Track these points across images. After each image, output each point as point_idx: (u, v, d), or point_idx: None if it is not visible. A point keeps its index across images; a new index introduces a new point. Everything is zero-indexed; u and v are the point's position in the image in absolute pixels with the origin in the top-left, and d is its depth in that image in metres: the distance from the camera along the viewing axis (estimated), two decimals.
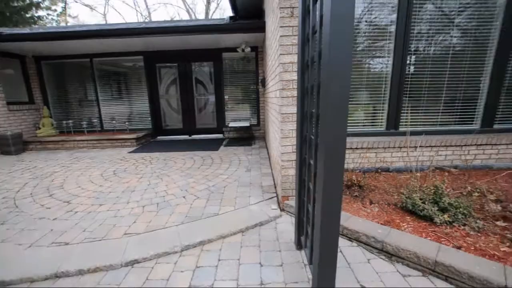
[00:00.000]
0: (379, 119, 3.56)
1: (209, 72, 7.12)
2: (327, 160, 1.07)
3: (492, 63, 3.38)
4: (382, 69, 3.43)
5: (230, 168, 4.22)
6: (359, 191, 2.85)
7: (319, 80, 1.09)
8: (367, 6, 3.26)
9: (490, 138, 3.39)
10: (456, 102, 3.57)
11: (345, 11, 0.90)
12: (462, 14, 3.34)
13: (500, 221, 2.21)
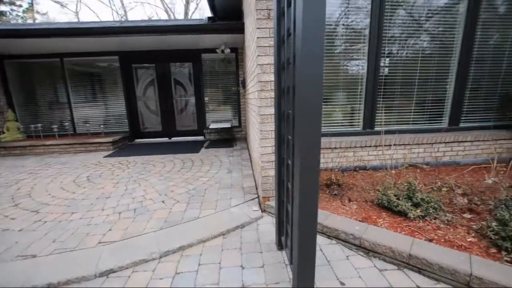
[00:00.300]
0: (356, 119, 3.68)
1: (189, 73, 7.00)
2: (303, 159, 1.08)
3: (456, 66, 3.62)
4: (358, 71, 3.55)
5: (211, 170, 4.16)
6: (338, 189, 2.92)
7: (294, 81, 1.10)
8: (344, 10, 3.36)
9: (457, 136, 3.62)
10: (426, 102, 3.77)
11: (316, 16, 0.91)
12: (430, 20, 3.54)
13: (467, 213, 2.35)
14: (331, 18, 3.39)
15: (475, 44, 3.56)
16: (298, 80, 1.02)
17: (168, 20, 7.91)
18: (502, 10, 3.58)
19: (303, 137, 1.07)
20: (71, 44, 5.69)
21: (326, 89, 3.56)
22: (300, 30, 0.93)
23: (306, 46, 0.93)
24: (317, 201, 1.20)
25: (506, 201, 2.27)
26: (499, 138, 3.73)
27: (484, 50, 3.63)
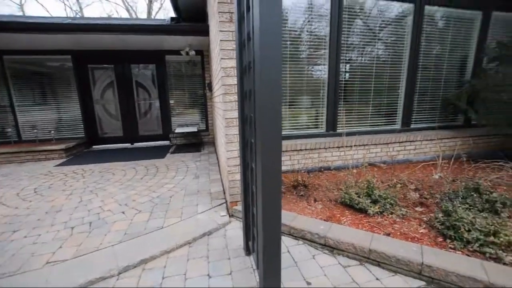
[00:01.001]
0: (320, 121, 3.83)
1: (152, 75, 6.68)
2: (265, 162, 1.08)
3: (406, 73, 3.97)
4: (320, 76, 3.70)
5: (177, 176, 4.00)
6: (304, 190, 3.00)
7: (254, 86, 1.09)
8: (307, 17, 3.49)
9: (409, 136, 3.96)
10: (382, 106, 4.08)
11: (273, 23, 0.92)
12: (384, 30, 3.85)
13: (418, 207, 2.57)
14: (296, 25, 3.49)
15: (420, 54, 3.95)
16: (258, 84, 1.02)
17: (128, 19, 7.50)
18: (441, 24, 4.03)
19: (264, 140, 1.06)
20: (12, 41, 5.08)
21: (292, 93, 3.65)
22: (258, 36, 0.94)
23: (264, 52, 0.93)
24: (280, 203, 1.20)
25: (449, 194, 2.53)
26: (443, 137, 4.17)
27: (428, 59, 4.05)
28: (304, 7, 3.43)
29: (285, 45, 3.45)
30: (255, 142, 1.27)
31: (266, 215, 1.19)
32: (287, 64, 3.50)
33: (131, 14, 21.41)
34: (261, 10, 0.90)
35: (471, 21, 4.10)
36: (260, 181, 1.12)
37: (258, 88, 1.03)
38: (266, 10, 0.89)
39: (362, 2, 3.62)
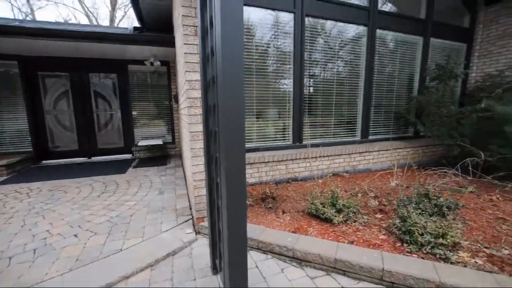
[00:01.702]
0: (287, 133, 3.94)
1: (113, 85, 6.31)
2: (229, 177, 1.06)
3: (363, 88, 4.31)
4: (286, 90, 3.84)
5: (140, 192, 3.75)
6: (273, 202, 3.01)
7: (217, 100, 1.08)
8: (274, 33, 3.63)
9: (367, 147, 4.25)
10: (343, 118, 4.34)
11: (234, 39, 0.93)
12: (343, 49, 4.16)
13: (378, 214, 2.73)
14: (263, 40, 3.61)
15: (375, 71, 4.33)
16: (221, 99, 1.01)
17: (85, 25, 7.06)
18: (391, 46, 4.49)
19: (228, 154, 1.05)
20: None
21: (259, 106, 3.72)
22: (220, 53, 0.94)
23: (226, 68, 0.94)
24: (245, 219, 1.18)
25: (404, 201, 2.73)
26: (397, 147, 4.55)
27: (381, 77, 4.45)
28: (270, 24, 3.57)
29: (251, 59, 3.53)
30: (219, 156, 1.25)
31: (231, 231, 1.16)
32: (254, 77, 3.57)
33: (91, 20, 20.25)
34: (223, 27, 0.90)
35: (415, 45, 4.64)
36: (224, 195, 1.10)
37: (221, 102, 1.02)
38: (227, 28, 0.90)
39: (322, 23, 3.89)
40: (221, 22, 0.90)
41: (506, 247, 2.07)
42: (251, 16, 3.44)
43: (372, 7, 4.04)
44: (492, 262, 1.89)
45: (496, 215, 2.68)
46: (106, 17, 21.01)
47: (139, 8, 4.69)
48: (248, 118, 3.67)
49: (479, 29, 5.05)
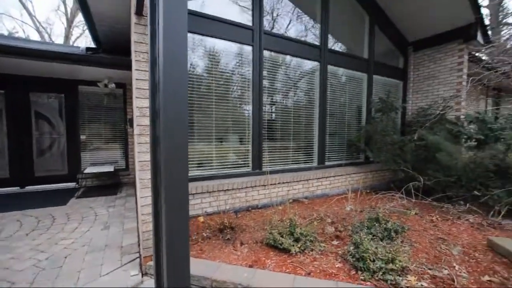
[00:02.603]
0: (246, 160, 3.92)
1: (59, 105, 5.75)
2: (168, 210, 0.97)
3: (318, 117, 4.59)
4: (246, 117, 3.90)
5: (80, 227, 3.29)
6: (231, 233, 2.88)
7: (160, 131, 1.02)
8: (235, 63, 3.75)
9: (324, 173, 4.44)
10: (301, 145, 4.52)
11: (179, 75, 0.91)
12: (299, 80, 4.45)
13: (335, 240, 2.77)
14: (224, 68, 3.70)
15: (328, 102, 4.69)
16: (164, 131, 0.96)
17: (31, 41, 6.48)
18: (341, 80, 4.96)
19: (168, 188, 0.97)
20: None
21: (219, 132, 3.69)
22: (162, 87, 0.90)
23: (169, 101, 0.90)
24: (188, 258, 1.07)
25: (357, 226, 2.83)
26: (351, 172, 4.84)
27: (333, 107, 4.83)
28: (232, 55, 3.70)
29: (210, 87, 3.55)
30: (161, 187, 1.15)
31: (171, 272, 1.03)
32: (213, 104, 3.57)
33: (43, 36, 18.83)
34: (165, 62, 0.87)
35: (361, 80, 5.21)
36: (164, 230, 0.99)
37: (164, 135, 0.96)
38: (170, 62, 0.87)
39: (280, 56, 4.16)
40: (163, 62, 0.88)
41: (445, 267, 2.23)
42: (214, 46, 3.54)
43: (323, 46, 4.48)
44: (435, 283, 2.01)
45: (436, 236, 2.92)
46: (61, 34, 19.67)
47: (95, 29, 4.49)
48: (208, 144, 3.59)
49: (411, 70, 5.91)
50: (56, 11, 18.16)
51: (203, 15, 3.36)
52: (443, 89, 5.36)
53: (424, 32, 5.47)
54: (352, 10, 5.16)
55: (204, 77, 3.58)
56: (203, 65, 3.60)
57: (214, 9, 3.49)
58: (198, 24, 3.32)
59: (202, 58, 3.57)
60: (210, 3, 3.55)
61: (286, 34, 4.37)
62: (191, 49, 3.40)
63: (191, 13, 3.24)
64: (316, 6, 4.54)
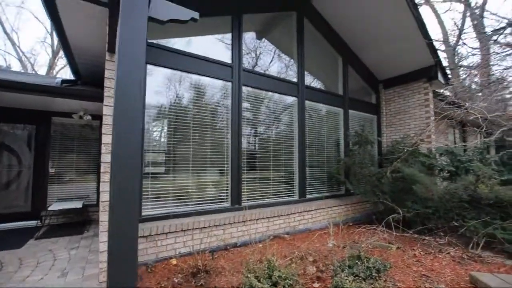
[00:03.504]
0: (225, 195, 3.78)
1: (28, 137, 5.44)
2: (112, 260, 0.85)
3: (297, 149, 4.64)
4: (225, 150, 3.84)
5: (32, 276, 2.88)
6: (205, 277, 2.64)
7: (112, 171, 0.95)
8: (218, 96, 3.83)
9: (305, 206, 4.35)
10: (281, 178, 4.47)
11: (132, 114, 0.87)
12: (279, 114, 4.57)
13: (316, 282, 2.61)
14: (208, 101, 3.75)
15: (307, 135, 4.79)
16: (113, 172, 0.88)
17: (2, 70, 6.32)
18: (319, 114, 5.15)
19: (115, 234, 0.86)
20: None
21: (197, 166, 3.58)
22: (114, 126, 0.85)
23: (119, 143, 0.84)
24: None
25: (339, 265, 2.71)
26: (332, 205, 4.79)
27: (313, 139, 4.93)
28: (213, 89, 3.78)
29: (187, 119, 3.53)
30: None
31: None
32: (190, 139, 3.51)
33: (25, 65, 18.60)
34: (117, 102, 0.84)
35: (338, 115, 5.45)
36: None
37: (112, 177, 0.89)
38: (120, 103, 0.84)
39: (259, 92, 4.29)
40: (115, 100, 0.85)
41: None
42: (195, 81, 3.63)
43: (300, 83, 4.72)
44: None
45: (420, 272, 2.84)
46: (44, 64, 19.48)
47: (75, 63, 4.48)
48: (184, 179, 3.46)
49: (383, 105, 6.30)
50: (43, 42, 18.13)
51: (184, 53, 3.47)
52: (414, 123, 5.70)
53: (392, 72, 5.96)
54: (327, 51, 5.58)
55: (182, 110, 3.57)
56: (183, 99, 3.61)
57: (197, 48, 3.66)
58: (178, 61, 3.40)
59: (184, 92, 3.60)
60: (194, 42, 3.74)
61: (267, 71, 4.62)
62: (174, 82, 3.44)
63: (173, 51, 3.35)
64: (293, 47, 4.86)
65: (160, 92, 3.40)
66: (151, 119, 3.37)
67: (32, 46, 25.18)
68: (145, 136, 3.16)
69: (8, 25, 17.92)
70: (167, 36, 3.50)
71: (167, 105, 3.46)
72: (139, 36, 0.90)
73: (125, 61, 0.85)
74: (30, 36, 22.77)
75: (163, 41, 3.42)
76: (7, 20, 19.25)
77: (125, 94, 0.85)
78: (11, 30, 18.07)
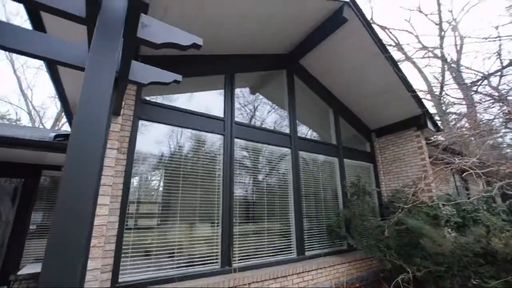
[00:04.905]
0: (214, 254, 3.44)
1: (14, 190, 5.25)
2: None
3: (293, 200, 4.43)
4: (215, 205, 3.64)
5: None
6: None
7: None
8: (215, 146, 3.86)
9: (305, 266, 3.93)
10: (277, 233, 4.15)
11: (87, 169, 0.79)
12: (272, 165, 4.51)
13: None
14: (205, 152, 3.75)
15: (302, 185, 4.64)
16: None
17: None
18: (314, 164, 5.10)
19: None
20: None
21: (184, 221, 3.35)
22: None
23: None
24: None
25: None
26: (335, 263, 4.35)
27: (308, 190, 4.76)
28: (206, 141, 3.79)
29: (177, 173, 3.44)
30: None
31: None
32: (179, 194, 3.37)
33: (33, 118, 19.42)
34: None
35: (333, 164, 5.39)
36: None
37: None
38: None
39: (251, 144, 4.30)
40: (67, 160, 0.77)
41: None
42: (190, 135, 3.67)
43: (293, 134, 4.79)
44: None
45: None
46: (52, 117, 20.27)
47: (72, 116, 4.62)
48: (170, 235, 3.19)
49: (378, 153, 6.31)
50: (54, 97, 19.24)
51: (177, 109, 3.58)
52: (411, 171, 5.61)
53: (383, 121, 6.14)
54: (318, 104, 5.82)
55: (174, 162, 3.51)
56: (175, 151, 3.58)
57: (191, 103, 3.84)
58: (172, 116, 3.49)
59: (176, 145, 3.60)
60: (189, 98, 3.92)
61: (263, 123, 4.76)
62: (166, 136, 3.47)
63: (167, 107, 3.47)
64: (285, 101, 5.08)
65: (152, 144, 3.39)
66: (143, 171, 3.28)
67: (43, 100, 26.73)
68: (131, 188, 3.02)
69: (25, 83, 19.38)
70: (164, 93, 3.67)
71: (158, 157, 3.42)
72: (102, 97, 0.88)
73: (83, 116, 0.81)
74: (43, 91, 24.41)
75: (159, 97, 3.58)
76: (25, 79, 20.88)
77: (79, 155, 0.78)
78: (27, 87, 19.44)
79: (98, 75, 0.90)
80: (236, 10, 3.51)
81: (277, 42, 4.66)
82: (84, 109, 0.83)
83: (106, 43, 0.96)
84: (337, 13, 3.95)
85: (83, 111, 0.83)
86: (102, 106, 0.87)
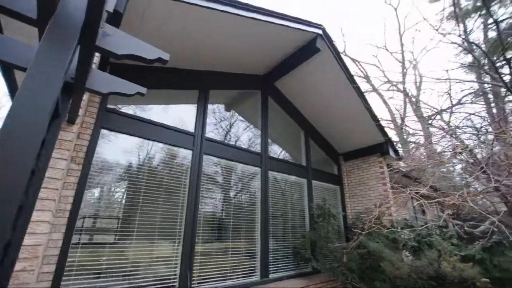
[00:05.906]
0: (172, 276, 3.20)
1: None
2: None
3: (260, 221, 4.36)
4: (177, 224, 3.46)
5: None
6: None
7: None
8: (178, 163, 3.69)
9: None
10: (242, 252, 4.01)
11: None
12: (241, 183, 4.45)
13: None
14: (171, 166, 3.56)
15: (270, 205, 4.61)
16: None
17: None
18: (284, 184, 5.14)
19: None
20: None
21: (141, 239, 3.11)
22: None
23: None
24: None
25: None
26: (299, 286, 4.27)
27: (277, 210, 4.74)
28: (175, 155, 3.65)
29: (139, 188, 3.25)
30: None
31: None
32: (138, 209, 3.16)
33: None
34: None
35: (302, 185, 5.48)
36: None
37: None
38: None
39: (221, 161, 4.25)
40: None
41: None
42: (157, 148, 3.52)
43: (264, 153, 4.83)
44: None
45: None
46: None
47: None
48: (123, 255, 2.93)
49: (345, 176, 6.57)
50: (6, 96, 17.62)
51: (145, 120, 3.46)
52: (373, 195, 5.88)
53: (350, 146, 6.47)
54: (290, 125, 6.00)
55: (136, 174, 3.31)
56: (138, 163, 3.40)
57: (163, 116, 3.76)
58: (138, 127, 3.35)
59: (140, 157, 3.42)
60: (160, 110, 3.82)
61: (237, 140, 4.74)
62: (131, 147, 3.29)
63: (134, 118, 3.33)
64: (258, 120, 5.17)
65: (114, 155, 3.19)
66: (102, 182, 3.04)
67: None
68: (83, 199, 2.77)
69: None
70: (137, 103, 3.56)
71: (119, 168, 3.22)
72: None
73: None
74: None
75: (132, 106, 3.47)
76: None
77: None
78: None
79: (40, 80, 0.83)
80: (217, 34, 3.66)
81: (254, 64, 4.83)
82: (15, 115, 0.76)
83: (55, 47, 0.91)
84: (311, 43, 4.23)
85: (14, 117, 0.75)
86: (40, 113, 0.80)
